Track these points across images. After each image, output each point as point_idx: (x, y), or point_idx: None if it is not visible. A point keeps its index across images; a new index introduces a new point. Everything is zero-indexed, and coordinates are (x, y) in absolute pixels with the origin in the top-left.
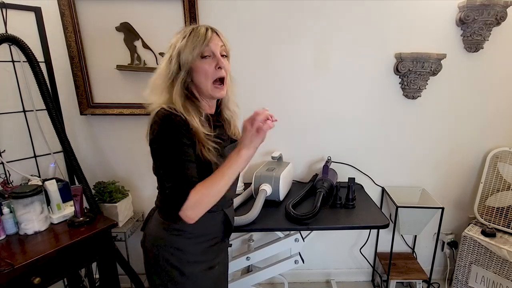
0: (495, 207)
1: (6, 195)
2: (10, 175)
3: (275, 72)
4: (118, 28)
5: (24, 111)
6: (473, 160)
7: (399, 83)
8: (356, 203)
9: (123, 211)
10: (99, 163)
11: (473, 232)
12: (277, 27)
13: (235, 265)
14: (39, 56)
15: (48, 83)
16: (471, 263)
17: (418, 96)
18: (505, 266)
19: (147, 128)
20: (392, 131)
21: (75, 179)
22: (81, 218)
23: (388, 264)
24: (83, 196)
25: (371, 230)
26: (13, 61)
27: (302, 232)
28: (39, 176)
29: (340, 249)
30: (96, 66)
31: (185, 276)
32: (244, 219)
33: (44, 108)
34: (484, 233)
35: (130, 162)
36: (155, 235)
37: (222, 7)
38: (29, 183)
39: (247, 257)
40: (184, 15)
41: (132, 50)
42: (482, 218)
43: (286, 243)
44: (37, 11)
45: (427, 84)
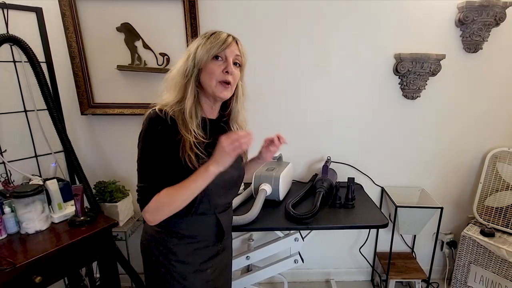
0: (494, 207)
1: (8, 195)
2: (11, 174)
3: (275, 72)
4: (119, 29)
5: (25, 111)
6: (472, 160)
7: (399, 84)
8: (355, 203)
9: (123, 210)
10: (99, 163)
11: (472, 231)
12: (277, 28)
13: (235, 264)
14: (40, 56)
15: (49, 83)
16: (470, 263)
17: (418, 96)
18: (504, 266)
19: None
20: (391, 131)
21: (76, 178)
22: (81, 218)
23: (387, 264)
24: (84, 195)
25: (371, 229)
26: (14, 61)
27: (301, 231)
28: (40, 176)
29: (339, 248)
30: (97, 66)
31: (171, 275)
32: (244, 219)
33: (45, 108)
34: (483, 233)
35: (131, 161)
36: (147, 231)
37: (222, 7)
38: (30, 183)
39: (247, 256)
40: (185, 16)
41: (133, 50)
42: (481, 218)
43: (286, 243)
44: (38, 11)
45: (427, 84)
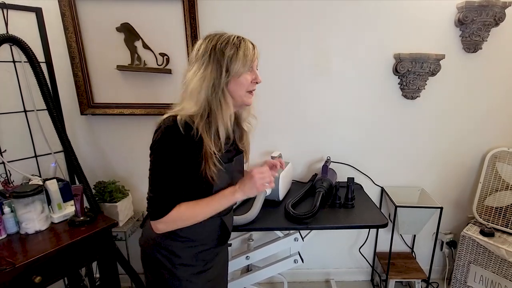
0: (493, 207)
1: (7, 195)
2: (11, 174)
3: (275, 72)
4: (119, 29)
5: (25, 111)
6: (472, 160)
7: (398, 84)
8: (355, 203)
9: (123, 210)
10: (99, 163)
11: (471, 231)
12: (276, 28)
13: (235, 264)
14: (40, 56)
15: (49, 83)
16: (470, 263)
17: (417, 96)
18: (503, 266)
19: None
20: (391, 131)
21: (76, 178)
22: (81, 218)
23: (387, 264)
24: (84, 195)
25: (370, 229)
26: (14, 61)
27: (301, 231)
28: (40, 176)
29: (339, 248)
30: (97, 66)
31: (175, 278)
32: (243, 219)
33: (45, 108)
34: (482, 232)
35: (131, 161)
36: (149, 235)
37: (221, 8)
38: (30, 183)
39: (247, 256)
40: (184, 16)
41: (133, 50)
42: (481, 218)
43: (286, 243)
44: (38, 11)
45: (426, 84)
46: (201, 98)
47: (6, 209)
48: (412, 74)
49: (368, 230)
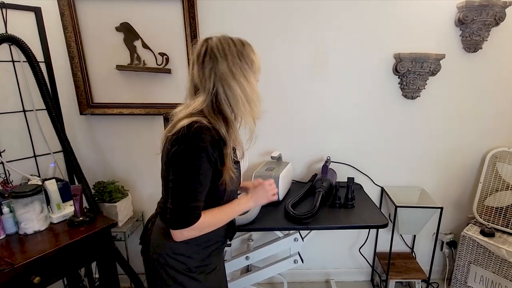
0: (494, 207)
1: (6, 195)
2: (10, 174)
3: (274, 72)
4: (118, 28)
5: (24, 111)
6: (472, 160)
7: (398, 83)
8: (355, 203)
9: (122, 210)
10: (98, 163)
11: (472, 231)
12: (276, 27)
13: (235, 264)
14: (39, 56)
15: (48, 83)
16: (470, 263)
17: (417, 96)
18: (504, 266)
19: (166, 134)
20: (391, 131)
21: (75, 178)
22: (80, 218)
23: (387, 264)
24: (83, 195)
25: (370, 229)
26: (13, 61)
27: (301, 231)
28: (39, 176)
29: (339, 249)
30: (96, 66)
31: (194, 280)
32: (243, 219)
33: (44, 108)
34: (483, 232)
35: (130, 162)
36: (160, 243)
37: (221, 7)
38: (29, 183)
39: (247, 256)
40: (184, 16)
41: (132, 50)
42: (481, 218)
43: (286, 243)
44: (37, 11)
45: (426, 84)
46: (229, 103)
47: (5, 209)
48: (412, 74)
49: (368, 230)
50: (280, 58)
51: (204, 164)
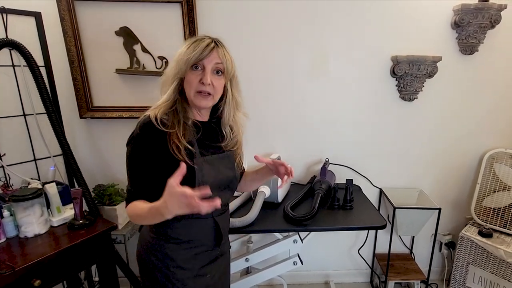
0: (491, 208)
1: (7, 198)
2: (10, 178)
3: (273, 75)
4: (118, 33)
5: (24, 114)
6: (469, 161)
7: (396, 86)
8: (354, 204)
9: (122, 213)
10: (98, 166)
11: (470, 232)
12: (274, 30)
13: (234, 266)
14: (39, 60)
15: (48, 87)
16: (469, 264)
17: (415, 98)
18: (502, 266)
19: None
20: (389, 133)
21: (75, 182)
22: (80, 221)
23: (386, 265)
24: (83, 199)
25: (369, 231)
26: (13, 65)
27: (300, 233)
28: (39, 179)
29: (338, 250)
30: (96, 70)
31: (171, 282)
32: (242, 221)
33: (44, 111)
34: (481, 233)
35: None
36: (144, 238)
37: (220, 11)
38: (29, 186)
39: (246, 258)
40: (183, 19)
41: (131, 54)
42: (479, 219)
43: (285, 245)
44: (37, 16)
45: (424, 86)
46: (166, 93)
47: (6, 212)
48: (410, 76)
49: (367, 231)
50: (278, 60)
51: (139, 153)
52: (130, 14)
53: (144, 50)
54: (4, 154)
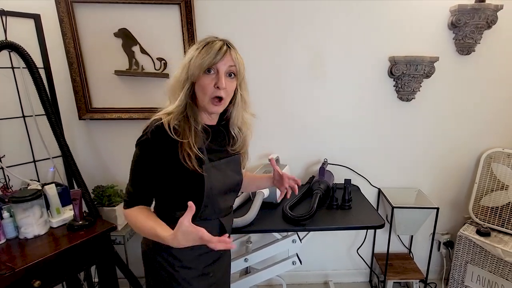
0: (489, 207)
1: (6, 200)
2: (9, 179)
3: (271, 76)
4: (116, 34)
5: (23, 116)
6: (467, 161)
7: (394, 86)
8: (352, 204)
9: (121, 214)
10: (97, 167)
11: (468, 231)
12: (272, 31)
13: (233, 267)
14: (39, 62)
15: (47, 89)
16: (467, 263)
17: (412, 98)
18: (499, 265)
19: None
20: (387, 133)
21: (74, 183)
22: (80, 222)
23: (385, 265)
24: (82, 200)
25: (368, 230)
26: (12, 67)
27: (299, 233)
28: (39, 181)
29: (337, 250)
30: (95, 72)
31: (176, 281)
32: (241, 221)
33: (43, 113)
34: (479, 232)
35: (129, 166)
36: (150, 239)
37: (218, 13)
38: (28, 188)
39: (245, 258)
40: (181, 21)
41: (130, 55)
42: (477, 218)
43: (284, 245)
44: (36, 18)
45: (421, 86)
46: (178, 99)
47: (5, 214)
48: (407, 76)
49: (365, 231)
50: (276, 62)
51: (147, 158)
52: (129, 15)
53: (143, 51)
54: (4, 155)
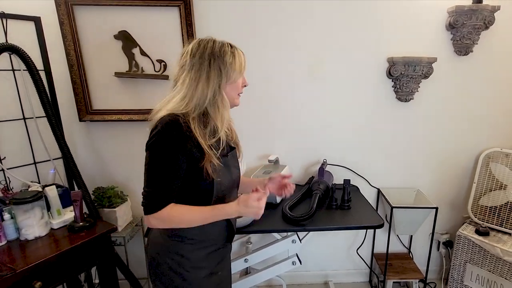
0: (488, 206)
1: (7, 201)
2: (10, 181)
3: (270, 77)
4: (116, 36)
5: (24, 118)
6: (466, 160)
7: (392, 87)
8: (351, 204)
9: (122, 215)
10: (98, 169)
11: (467, 231)
12: (271, 33)
13: (233, 267)
14: (39, 64)
15: (48, 91)
16: (466, 262)
17: (411, 98)
18: (498, 264)
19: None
20: (386, 133)
21: (75, 184)
22: (80, 223)
23: (384, 265)
24: (83, 201)
25: (367, 230)
26: (13, 69)
27: (299, 233)
28: (39, 182)
29: (337, 250)
30: (95, 74)
31: (187, 282)
32: (241, 221)
33: (44, 115)
34: (478, 232)
35: (129, 167)
36: (157, 241)
37: (217, 14)
38: (29, 189)
39: (245, 259)
40: (181, 23)
41: (130, 57)
42: (476, 218)
43: (284, 245)
44: (36, 20)
45: (419, 87)
46: (200, 100)
47: (6, 215)
48: (405, 77)
49: (365, 231)
50: (275, 62)
51: (173, 154)
52: (129, 18)
53: (143, 53)
54: (4, 157)
